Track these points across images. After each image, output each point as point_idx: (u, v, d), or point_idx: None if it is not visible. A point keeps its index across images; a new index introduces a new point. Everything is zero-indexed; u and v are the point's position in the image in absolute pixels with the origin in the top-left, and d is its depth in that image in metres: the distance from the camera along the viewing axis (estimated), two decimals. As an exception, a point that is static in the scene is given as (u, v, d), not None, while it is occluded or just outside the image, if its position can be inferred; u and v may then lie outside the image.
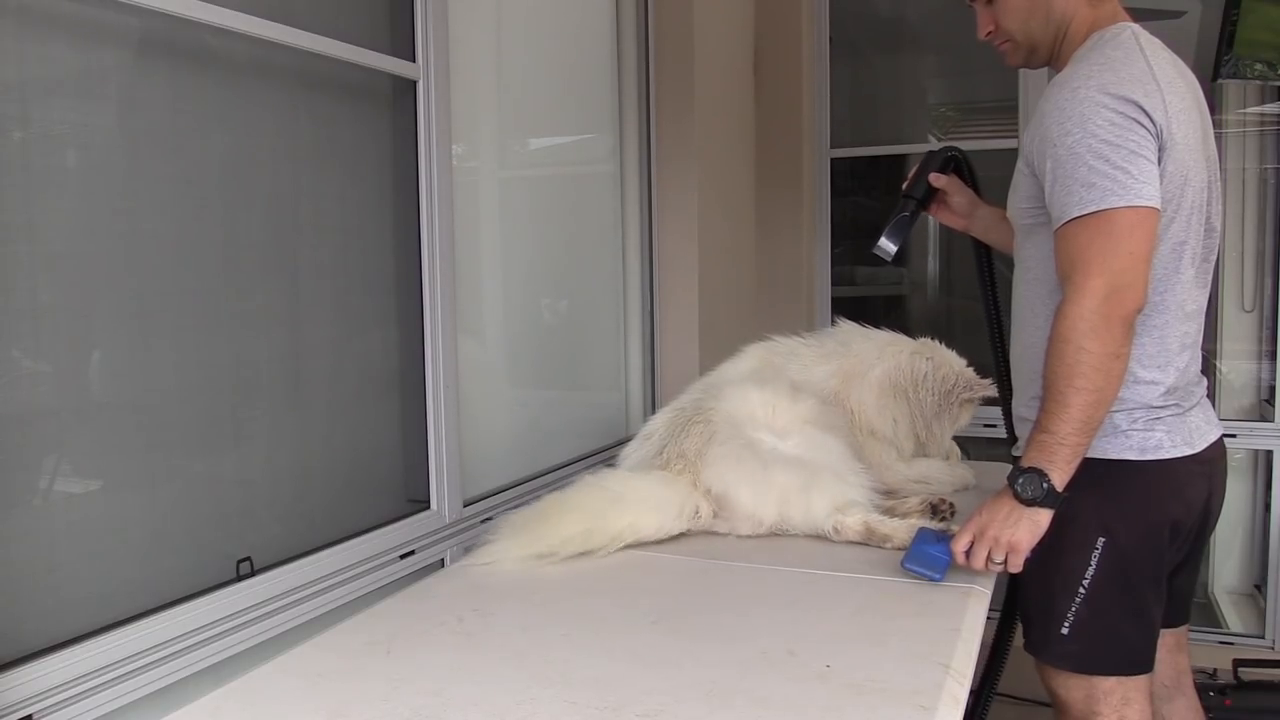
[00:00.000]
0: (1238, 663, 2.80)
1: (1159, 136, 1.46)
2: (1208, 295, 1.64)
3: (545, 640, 1.29)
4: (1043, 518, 1.45)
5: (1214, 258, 1.64)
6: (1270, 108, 3.34)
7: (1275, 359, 3.24)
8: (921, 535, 1.55)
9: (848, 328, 2.13)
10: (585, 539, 1.60)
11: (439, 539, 1.97)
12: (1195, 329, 1.60)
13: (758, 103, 3.50)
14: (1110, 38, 1.55)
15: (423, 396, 1.95)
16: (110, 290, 1.39)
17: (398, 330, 1.94)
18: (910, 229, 1.91)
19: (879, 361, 2.03)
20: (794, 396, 1.88)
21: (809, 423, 1.81)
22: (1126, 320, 1.43)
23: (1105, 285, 1.41)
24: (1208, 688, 2.71)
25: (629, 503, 1.67)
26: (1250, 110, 3.37)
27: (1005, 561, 1.46)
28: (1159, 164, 1.46)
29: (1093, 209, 1.43)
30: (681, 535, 1.73)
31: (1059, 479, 1.44)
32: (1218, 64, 2.88)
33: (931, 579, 1.48)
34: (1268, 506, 3.22)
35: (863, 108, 3.90)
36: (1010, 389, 1.78)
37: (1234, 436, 3.20)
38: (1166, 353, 1.55)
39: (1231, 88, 3.28)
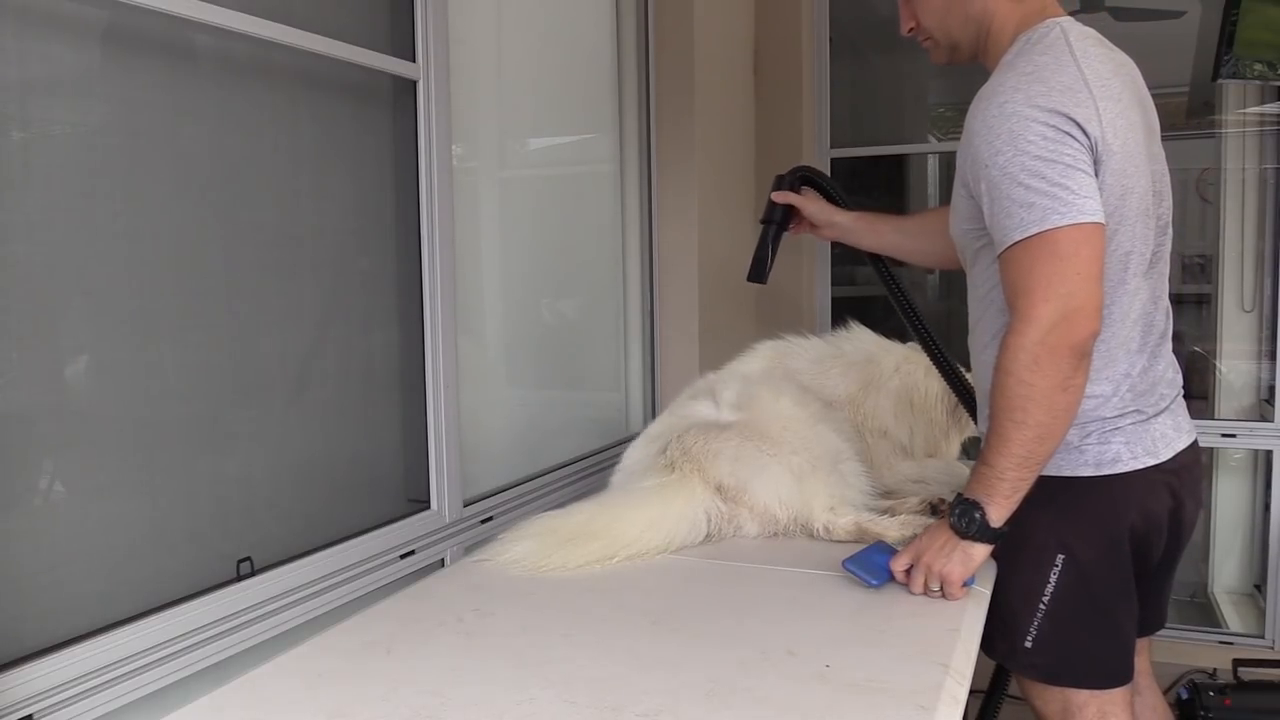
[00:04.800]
0: (1238, 663, 2.80)
1: (1094, 150, 1.38)
2: (1163, 291, 1.57)
3: (545, 640, 1.28)
4: (977, 552, 1.41)
5: (1167, 254, 1.57)
6: (1270, 108, 3.34)
7: (1275, 359, 3.24)
8: (876, 545, 1.54)
9: (864, 336, 2.13)
10: (614, 557, 1.60)
11: (439, 539, 1.97)
12: (1141, 333, 1.51)
13: (758, 103, 3.50)
14: (1038, 39, 1.46)
15: (423, 396, 1.95)
16: (110, 290, 1.39)
17: (398, 330, 1.94)
18: (772, 251, 1.98)
19: (896, 375, 2.05)
20: (800, 396, 1.88)
21: (813, 422, 1.82)
22: (1077, 349, 1.34)
23: (1053, 311, 1.33)
24: (1208, 688, 2.71)
25: (660, 529, 1.65)
26: (1250, 110, 3.37)
27: (942, 590, 1.42)
28: (1096, 177, 1.38)
29: (1034, 230, 1.34)
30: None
31: (996, 514, 1.39)
32: (1218, 64, 2.88)
33: (868, 584, 1.45)
34: (1268, 506, 3.22)
35: (863, 108, 3.90)
36: (973, 400, 1.77)
37: (1234, 436, 3.20)
38: (1113, 363, 1.48)
39: (1231, 88, 3.28)
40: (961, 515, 1.41)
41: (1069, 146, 1.36)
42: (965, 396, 1.91)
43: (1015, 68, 1.44)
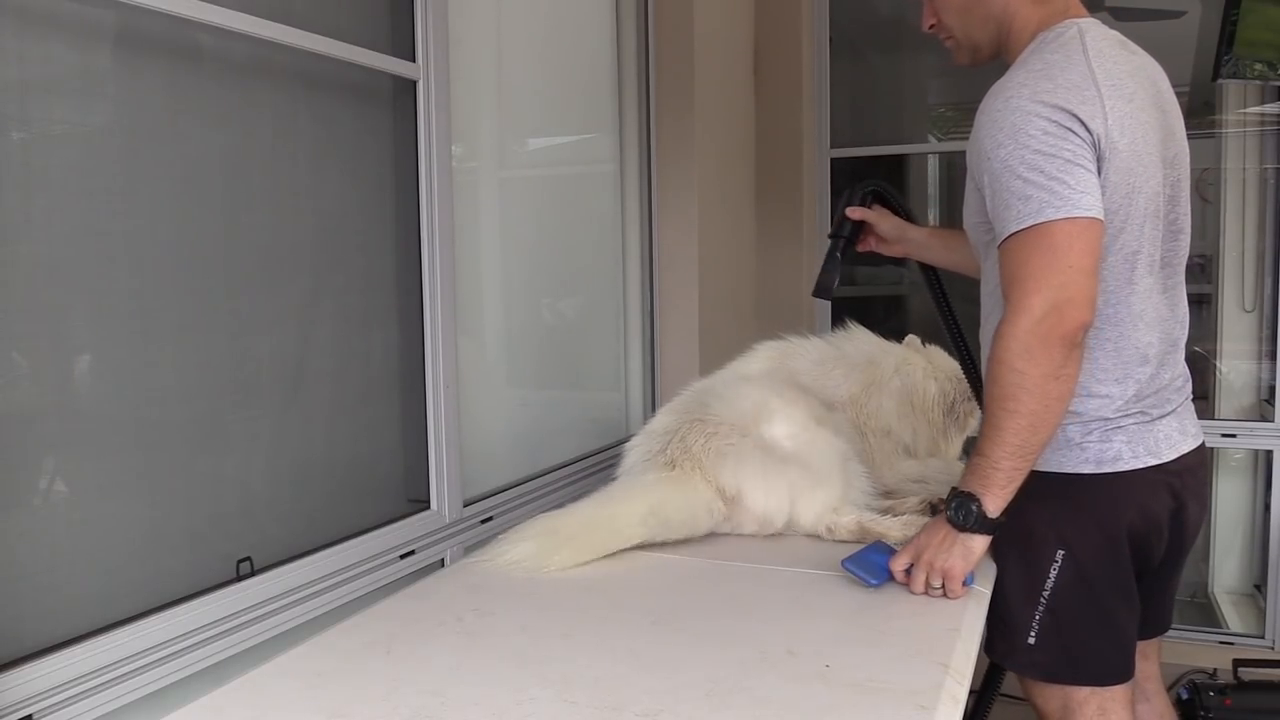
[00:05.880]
0: (1238, 663, 2.80)
1: (1096, 146, 1.39)
2: (1180, 299, 1.58)
3: (545, 640, 1.28)
4: (976, 544, 1.41)
5: (1182, 261, 1.58)
6: (1270, 108, 3.34)
7: (1275, 359, 3.24)
8: (874, 545, 1.54)
9: (864, 337, 2.13)
10: (616, 547, 1.60)
11: (439, 539, 1.97)
12: (1159, 338, 1.52)
13: (758, 103, 3.50)
14: (1053, 38, 1.48)
15: (423, 396, 1.95)
16: (110, 290, 1.39)
17: (398, 330, 1.94)
18: (839, 267, 1.94)
19: (896, 375, 2.06)
20: (800, 398, 1.88)
21: (813, 424, 1.82)
22: (1068, 339, 1.35)
23: (1044, 302, 1.34)
24: (1208, 688, 2.71)
25: (661, 515, 1.64)
26: (1250, 110, 3.37)
27: (943, 587, 1.42)
28: (1099, 174, 1.39)
29: (1030, 222, 1.36)
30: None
31: (992, 505, 1.40)
32: (1218, 64, 2.88)
33: (868, 584, 1.45)
34: (1268, 506, 3.22)
35: (863, 108, 3.90)
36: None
37: (1234, 436, 3.20)
38: (1124, 365, 1.49)
39: (1231, 88, 3.28)
40: (958, 508, 1.42)
41: (1069, 142, 1.38)
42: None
43: (1027, 65, 1.47)
